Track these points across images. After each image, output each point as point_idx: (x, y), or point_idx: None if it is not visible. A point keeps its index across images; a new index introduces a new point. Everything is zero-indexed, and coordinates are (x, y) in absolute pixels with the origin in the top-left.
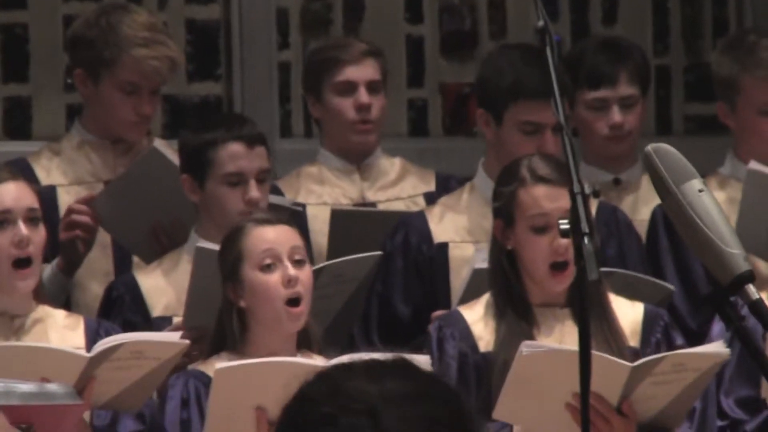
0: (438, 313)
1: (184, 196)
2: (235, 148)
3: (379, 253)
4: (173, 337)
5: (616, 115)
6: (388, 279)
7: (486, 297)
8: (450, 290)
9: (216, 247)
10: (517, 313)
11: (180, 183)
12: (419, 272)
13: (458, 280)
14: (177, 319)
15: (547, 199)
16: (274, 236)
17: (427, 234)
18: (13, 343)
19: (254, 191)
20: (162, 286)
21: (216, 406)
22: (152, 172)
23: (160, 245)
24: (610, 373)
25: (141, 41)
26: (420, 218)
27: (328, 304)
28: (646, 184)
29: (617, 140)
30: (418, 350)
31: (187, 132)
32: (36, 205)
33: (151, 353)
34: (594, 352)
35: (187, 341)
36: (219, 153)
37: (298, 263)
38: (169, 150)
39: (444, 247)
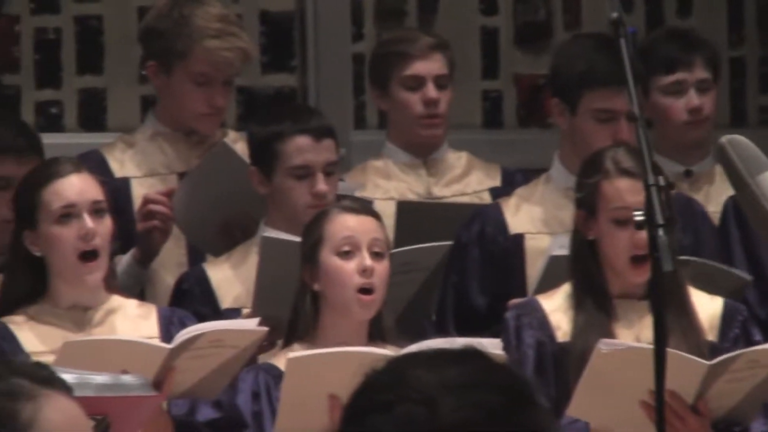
0: (515, 301)
1: (253, 189)
2: (302, 140)
3: (448, 243)
4: (252, 324)
5: (695, 98)
6: (464, 269)
7: (565, 286)
8: (525, 281)
9: (283, 236)
10: (596, 303)
11: (249, 178)
12: (495, 263)
13: (534, 271)
14: (246, 311)
15: (630, 192)
16: (356, 224)
17: (502, 225)
18: (93, 336)
19: (321, 184)
20: (231, 278)
21: (288, 395)
22: (222, 167)
23: (232, 240)
24: (686, 371)
25: (213, 32)
26: (496, 209)
27: (397, 293)
28: (717, 175)
29: (696, 125)
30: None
31: (256, 124)
32: (100, 196)
33: (230, 341)
34: (671, 350)
35: (266, 328)
36: (286, 145)
37: (376, 255)
38: (239, 144)
39: (520, 238)
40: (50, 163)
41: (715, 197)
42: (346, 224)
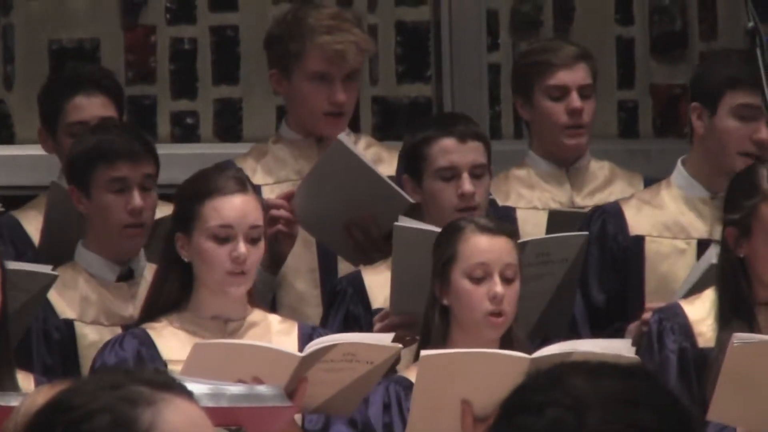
0: (653, 305)
1: (375, 191)
2: (447, 142)
3: (585, 233)
4: (386, 339)
5: None
6: (585, 267)
7: (708, 293)
8: (643, 283)
9: (417, 225)
10: (739, 314)
11: (370, 176)
12: (615, 262)
13: (653, 274)
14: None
15: None
16: (490, 248)
17: (623, 225)
18: (226, 340)
19: (467, 185)
20: (385, 279)
21: (420, 396)
22: (339, 165)
23: (354, 241)
24: None
25: (324, 29)
26: (616, 209)
27: (539, 285)
28: None
29: None
30: (615, 337)
31: (407, 134)
32: (259, 221)
33: (364, 356)
34: None
35: (400, 345)
36: (432, 148)
37: (507, 281)
38: (371, 149)
39: (640, 240)
40: (217, 174)
41: None
42: (480, 247)
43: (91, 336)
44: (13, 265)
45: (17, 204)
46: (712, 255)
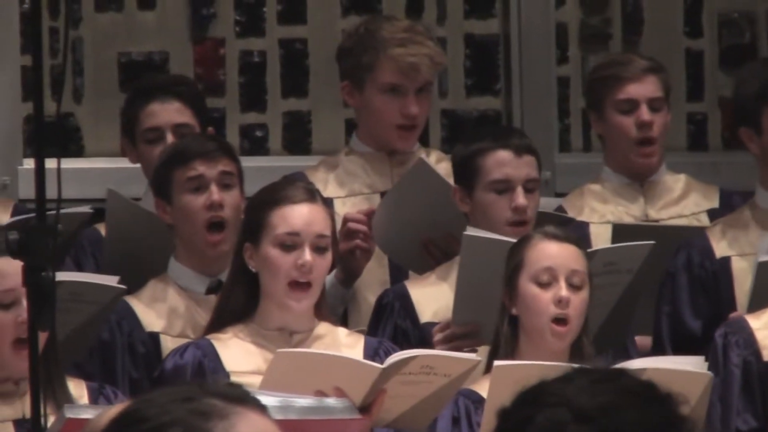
0: (736, 314)
1: (454, 208)
2: (502, 155)
3: (651, 242)
4: (462, 353)
5: None
6: (675, 298)
7: None
8: (735, 302)
9: (485, 234)
10: None
11: (449, 196)
12: (704, 287)
13: (742, 292)
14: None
15: None
16: (557, 253)
17: (709, 250)
18: (307, 350)
19: (521, 199)
20: (432, 293)
21: (493, 406)
22: (420, 184)
23: (432, 259)
24: None
25: (398, 41)
26: (701, 236)
27: (602, 295)
28: None
29: None
30: None
31: (460, 144)
32: (327, 231)
33: (442, 369)
34: None
35: (479, 358)
36: (486, 160)
37: (574, 287)
38: (442, 164)
39: (726, 261)
40: (287, 184)
41: None
42: (546, 253)
43: None
44: (78, 276)
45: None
46: (761, 252)
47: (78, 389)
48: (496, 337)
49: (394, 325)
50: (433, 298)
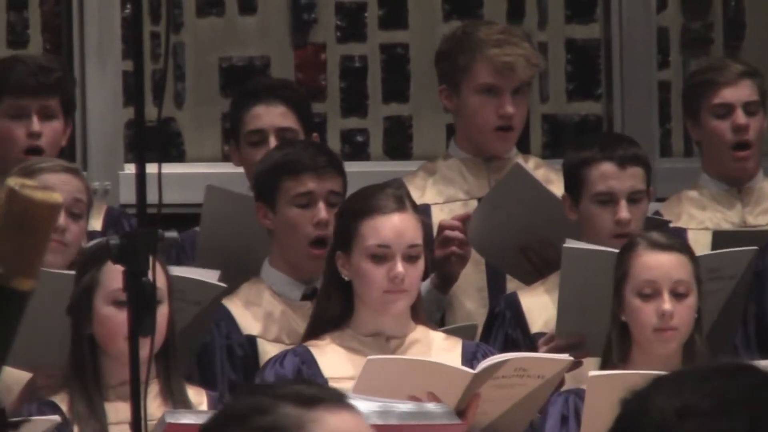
0: None
1: (551, 213)
2: (606, 167)
3: (754, 248)
4: (556, 354)
5: None
6: (763, 297)
7: None
8: None
9: (585, 245)
10: None
11: (548, 200)
12: None
13: None
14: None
15: None
16: (659, 265)
17: None
18: (398, 356)
19: (624, 212)
20: (544, 302)
21: (589, 416)
22: (516, 189)
23: (530, 265)
24: None
25: (494, 42)
26: None
27: (708, 302)
28: None
29: None
30: None
31: (570, 151)
32: (418, 240)
33: (535, 371)
34: None
35: (571, 358)
36: (590, 171)
37: (679, 296)
38: (540, 170)
39: None
40: (376, 193)
41: None
42: (648, 264)
43: (273, 353)
44: (180, 271)
45: (188, 222)
46: None
47: (198, 396)
48: (608, 344)
49: (505, 334)
50: (544, 307)
